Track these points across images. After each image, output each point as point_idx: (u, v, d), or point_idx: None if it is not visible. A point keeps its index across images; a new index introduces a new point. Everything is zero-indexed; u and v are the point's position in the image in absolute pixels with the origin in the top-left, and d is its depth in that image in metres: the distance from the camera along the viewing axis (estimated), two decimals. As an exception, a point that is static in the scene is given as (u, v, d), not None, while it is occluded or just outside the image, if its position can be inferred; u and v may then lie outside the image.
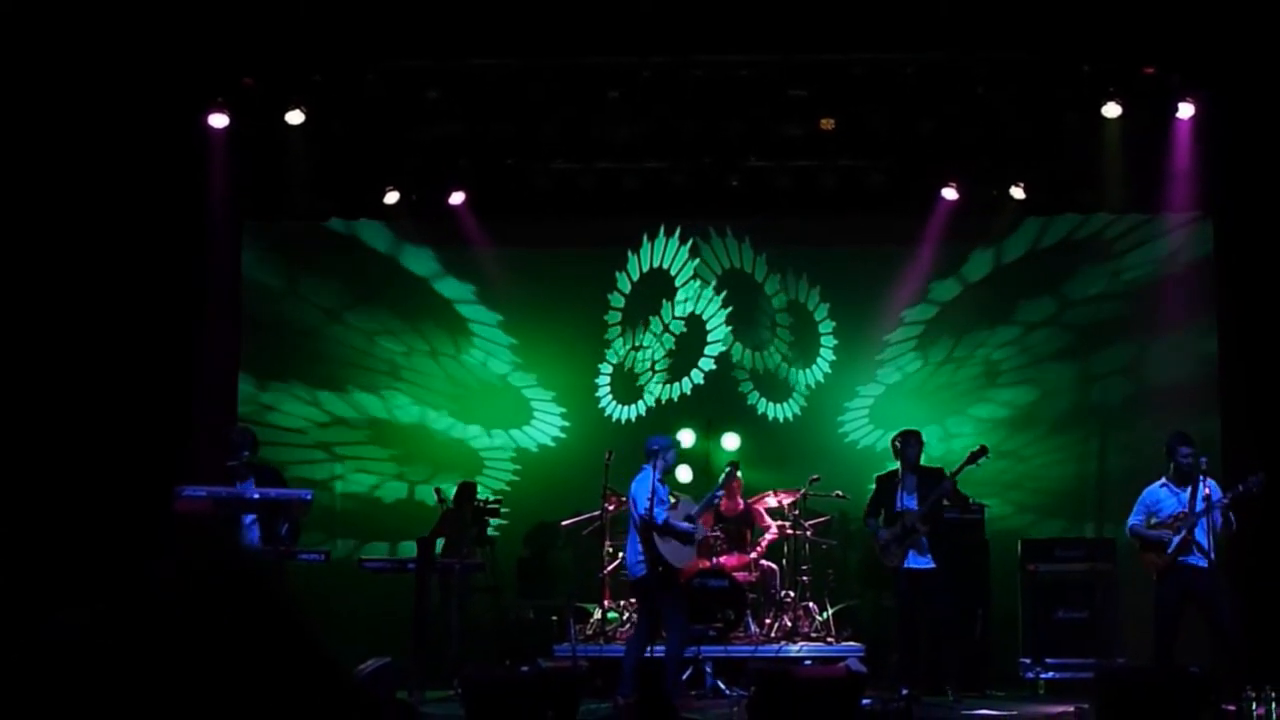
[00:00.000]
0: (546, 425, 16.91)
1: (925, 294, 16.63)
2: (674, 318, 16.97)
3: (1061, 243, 16.46)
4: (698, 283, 16.94)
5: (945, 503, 13.73)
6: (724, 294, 16.93)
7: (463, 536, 13.86)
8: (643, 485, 12.91)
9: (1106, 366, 16.29)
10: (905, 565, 13.36)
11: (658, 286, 17.00)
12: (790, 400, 16.87)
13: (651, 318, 16.97)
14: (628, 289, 17.02)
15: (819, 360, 16.88)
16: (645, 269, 16.99)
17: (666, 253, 16.96)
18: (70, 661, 2.08)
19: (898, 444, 13.75)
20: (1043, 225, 16.41)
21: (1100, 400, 16.33)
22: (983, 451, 13.55)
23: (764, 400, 16.89)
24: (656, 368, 16.94)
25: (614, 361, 16.96)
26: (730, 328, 16.91)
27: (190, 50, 13.76)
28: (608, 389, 16.95)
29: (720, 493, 14.05)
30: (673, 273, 16.96)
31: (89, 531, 12.38)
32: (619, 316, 17.01)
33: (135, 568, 2.19)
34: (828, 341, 16.86)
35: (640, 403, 16.88)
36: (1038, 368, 16.51)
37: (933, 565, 13.35)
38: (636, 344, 16.97)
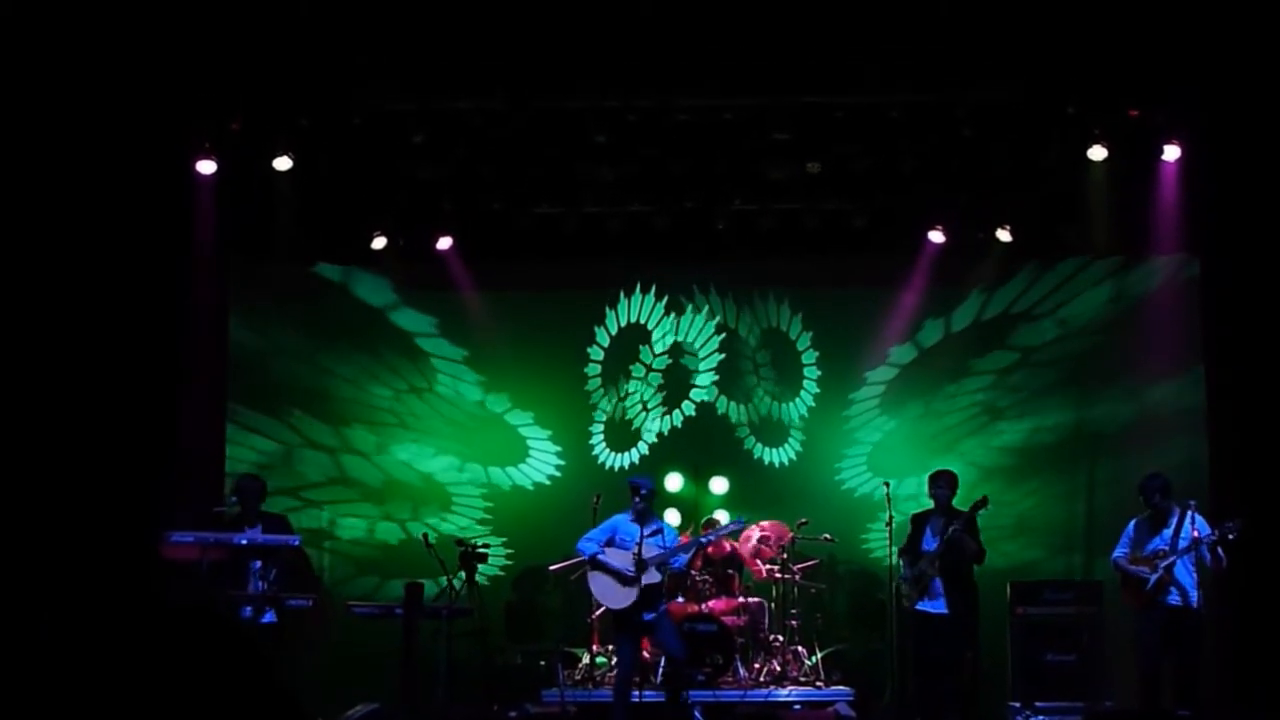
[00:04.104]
0: (542, 463, 16.94)
1: (911, 336, 16.61)
2: (655, 356, 16.96)
3: (1050, 287, 16.47)
4: (686, 316, 16.97)
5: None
6: (715, 321, 16.96)
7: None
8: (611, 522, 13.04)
9: (1095, 408, 16.25)
10: (916, 607, 13.13)
11: (634, 338, 17.03)
12: (784, 445, 16.84)
13: (631, 365, 16.97)
14: (606, 342, 17.04)
15: (801, 399, 16.87)
16: (623, 322, 17.04)
17: (642, 310, 17.01)
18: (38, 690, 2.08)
19: (928, 483, 13.46)
20: (1033, 270, 16.41)
21: (1089, 441, 16.28)
22: (983, 502, 13.13)
23: (755, 442, 16.86)
24: (649, 405, 16.92)
25: (606, 410, 16.93)
26: (722, 355, 16.92)
27: (178, 96, 13.79)
28: (602, 439, 16.93)
29: (682, 558, 13.55)
30: (649, 326, 17.01)
31: (68, 570, 12.34)
32: (598, 370, 17.02)
33: (112, 608, 2.18)
34: (810, 386, 16.85)
35: (634, 450, 16.84)
36: (1024, 411, 16.50)
37: (944, 611, 13.03)
38: (621, 394, 16.94)
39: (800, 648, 14.91)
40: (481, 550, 13.84)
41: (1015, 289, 16.54)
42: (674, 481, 16.32)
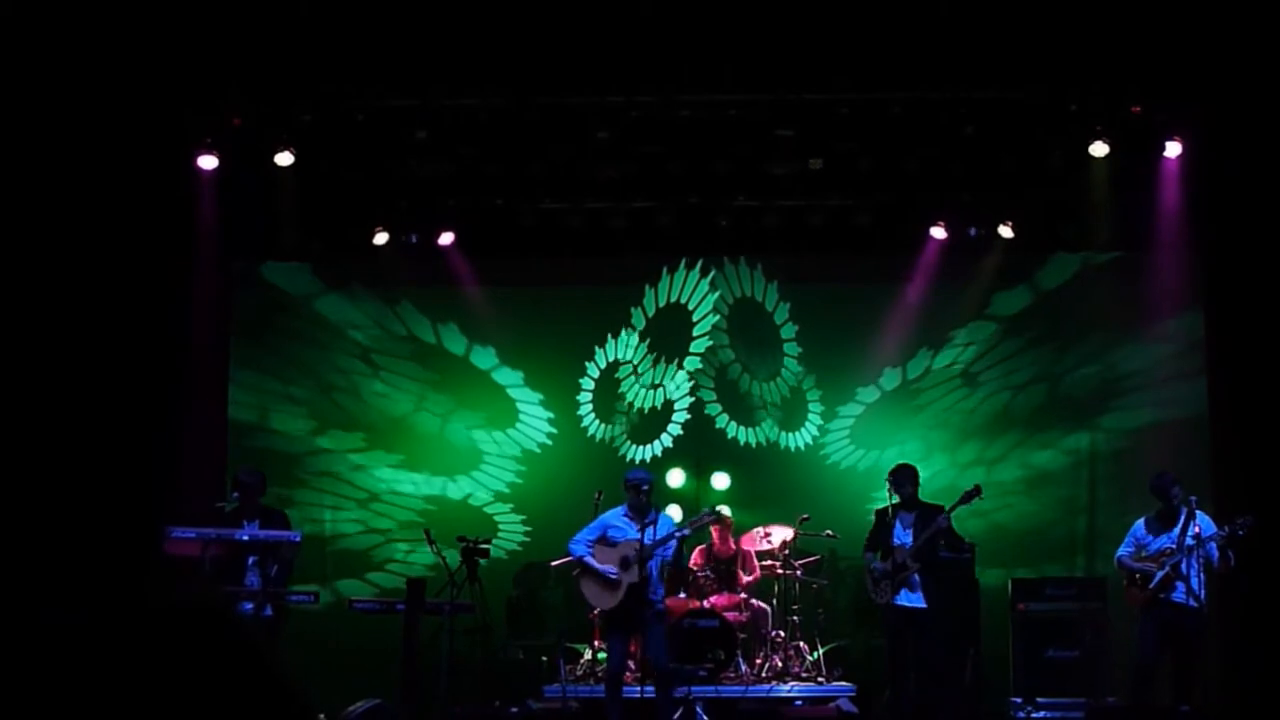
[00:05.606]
0: (537, 430, 16.96)
1: (915, 335, 16.60)
2: (634, 352, 16.99)
3: (1055, 282, 16.47)
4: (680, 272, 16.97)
5: (941, 542, 13.12)
6: (711, 276, 16.96)
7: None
8: (601, 520, 12.96)
9: (1099, 405, 16.27)
10: (894, 602, 12.89)
11: (612, 372, 17.07)
12: (803, 426, 16.85)
13: (618, 388, 17.01)
14: (595, 374, 17.08)
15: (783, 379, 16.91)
16: (611, 357, 17.10)
17: (625, 349, 17.06)
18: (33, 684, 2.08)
19: (890, 479, 13.19)
20: (1037, 265, 16.40)
21: (1091, 437, 16.29)
22: (976, 491, 12.96)
23: (778, 431, 16.88)
24: (658, 382, 16.89)
25: (622, 431, 16.93)
26: (716, 317, 16.92)
27: (179, 91, 13.80)
28: (625, 438, 16.93)
29: (670, 547, 13.04)
30: (635, 358, 17.07)
31: (69, 568, 12.35)
32: (591, 385, 17.07)
33: (114, 606, 2.18)
34: (809, 388, 16.88)
35: (658, 442, 16.86)
36: (1027, 405, 16.51)
37: (924, 604, 12.86)
38: (624, 409, 16.95)
39: (802, 643, 14.90)
40: (483, 545, 13.84)
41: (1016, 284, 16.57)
42: (676, 478, 16.31)
